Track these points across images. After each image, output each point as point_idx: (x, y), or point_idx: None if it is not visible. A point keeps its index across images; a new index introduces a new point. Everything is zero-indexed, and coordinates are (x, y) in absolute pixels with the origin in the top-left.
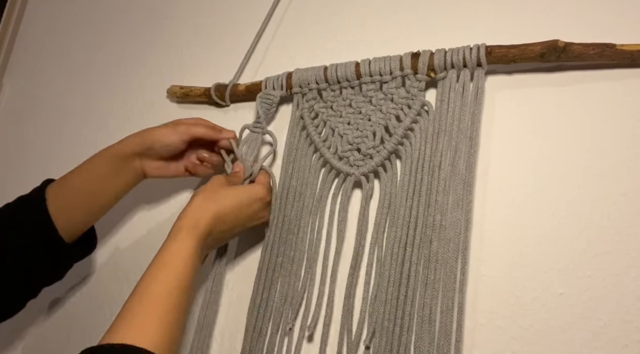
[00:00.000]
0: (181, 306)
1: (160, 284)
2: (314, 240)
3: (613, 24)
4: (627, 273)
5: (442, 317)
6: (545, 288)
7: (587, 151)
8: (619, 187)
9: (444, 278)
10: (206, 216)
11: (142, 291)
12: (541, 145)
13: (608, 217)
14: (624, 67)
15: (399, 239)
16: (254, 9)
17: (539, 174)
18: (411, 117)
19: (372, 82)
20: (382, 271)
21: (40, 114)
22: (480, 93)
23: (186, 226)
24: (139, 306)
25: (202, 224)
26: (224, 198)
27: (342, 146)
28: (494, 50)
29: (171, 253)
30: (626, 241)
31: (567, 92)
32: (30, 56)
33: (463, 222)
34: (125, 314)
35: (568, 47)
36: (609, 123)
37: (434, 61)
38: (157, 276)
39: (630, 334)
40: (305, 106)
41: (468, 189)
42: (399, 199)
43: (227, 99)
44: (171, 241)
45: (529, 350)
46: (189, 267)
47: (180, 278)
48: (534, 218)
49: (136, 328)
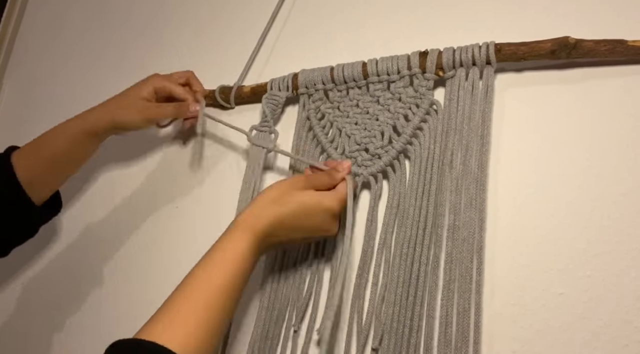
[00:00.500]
0: (224, 308)
1: (207, 283)
2: (321, 241)
3: (624, 20)
4: (627, 273)
5: (459, 318)
6: (545, 288)
7: (589, 150)
8: (619, 187)
9: (459, 279)
10: (267, 217)
11: (186, 289)
12: (550, 144)
13: (608, 217)
14: (636, 63)
15: (408, 239)
16: (258, 10)
17: (542, 174)
18: (420, 116)
19: (380, 82)
20: (391, 272)
21: (40, 115)
22: (490, 91)
23: (244, 224)
24: (179, 305)
25: (260, 225)
26: (289, 202)
27: (349, 147)
28: (503, 48)
29: (224, 252)
30: (626, 241)
31: (577, 89)
32: (30, 56)
33: (477, 221)
34: (164, 311)
35: (579, 43)
36: (617, 121)
37: (442, 60)
38: (205, 274)
39: (630, 334)
40: (312, 107)
41: (481, 188)
42: (408, 199)
43: (231, 101)
44: (226, 239)
45: (529, 350)
46: (239, 268)
47: (228, 279)
48: (535, 218)
49: (172, 328)
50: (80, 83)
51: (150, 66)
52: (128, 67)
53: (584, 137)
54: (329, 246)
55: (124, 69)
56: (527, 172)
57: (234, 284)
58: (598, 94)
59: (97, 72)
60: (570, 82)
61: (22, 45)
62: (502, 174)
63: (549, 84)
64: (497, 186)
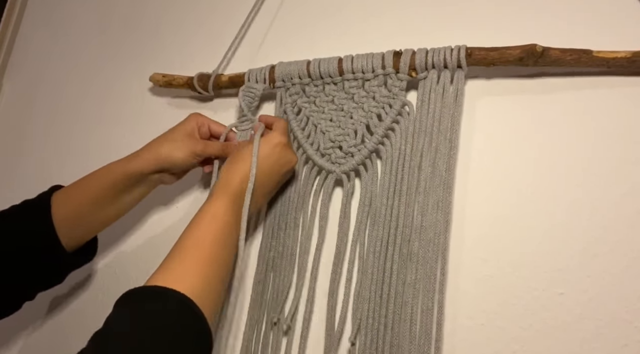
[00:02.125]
0: (218, 259)
1: (197, 239)
2: (298, 236)
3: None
4: (627, 273)
5: (422, 316)
6: (545, 288)
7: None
8: (619, 187)
9: (424, 278)
10: (234, 177)
11: (179, 246)
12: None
13: (608, 218)
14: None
15: (381, 237)
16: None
17: (540, 176)
18: (392, 116)
19: (355, 79)
20: (365, 269)
21: (40, 115)
22: (460, 95)
23: (217, 189)
24: (177, 258)
25: (232, 184)
26: (246, 158)
27: (324, 143)
28: (474, 52)
29: (204, 212)
30: (626, 241)
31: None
32: (30, 56)
33: (442, 223)
34: (164, 264)
35: (546, 52)
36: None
37: (415, 61)
38: (193, 233)
39: (630, 334)
40: (289, 101)
41: (447, 190)
42: (380, 199)
43: (210, 89)
44: (204, 204)
45: (529, 350)
46: (222, 223)
47: (215, 233)
48: (535, 218)
49: (174, 275)
50: (80, 83)
51: (150, 66)
52: (128, 68)
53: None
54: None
55: (124, 69)
56: (519, 175)
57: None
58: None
59: (97, 72)
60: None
61: (22, 46)
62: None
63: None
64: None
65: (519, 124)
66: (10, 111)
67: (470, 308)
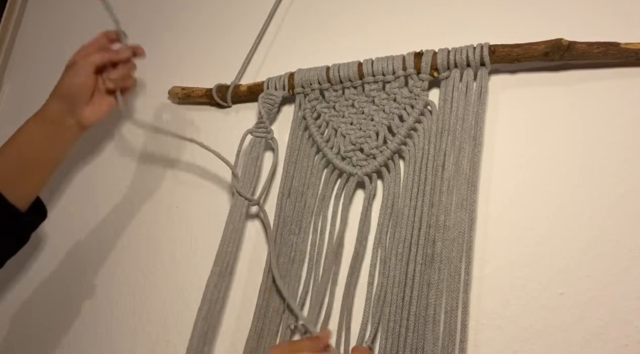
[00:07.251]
0: None
1: None
2: (316, 240)
3: (617, 22)
4: (627, 273)
5: (447, 317)
6: (545, 288)
7: (587, 150)
8: (619, 187)
9: (448, 278)
10: None
11: None
12: (543, 145)
13: (608, 217)
14: (628, 66)
15: (404, 239)
16: (256, 9)
17: (541, 174)
18: (414, 116)
19: (375, 82)
20: (386, 272)
21: None
22: (484, 92)
23: None
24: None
25: None
26: None
27: (344, 146)
28: (497, 50)
29: None
30: (626, 241)
31: (571, 91)
32: (30, 57)
33: (467, 222)
34: None
35: (572, 45)
36: (611, 122)
37: (437, 61)
38: None
39: (630, 334)
40: (308, 106)
41: (472, 189)
42: (403, 199)
43: (228, 100)
44: None
45: (529, 350)
46: None
47: None
48: (535, 218)
49: None
50: None
51: (150, 66)
52: None
53: (578, 138)
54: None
55: None
56: (523, 173)
57: None
58: (592, 96)
59: None
60: (564, 83)
61: (22, 46)
62: (496, 175)
63: (543, 86)
64: (489, 186)
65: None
66: (10, 111)
67: (470, 307)
